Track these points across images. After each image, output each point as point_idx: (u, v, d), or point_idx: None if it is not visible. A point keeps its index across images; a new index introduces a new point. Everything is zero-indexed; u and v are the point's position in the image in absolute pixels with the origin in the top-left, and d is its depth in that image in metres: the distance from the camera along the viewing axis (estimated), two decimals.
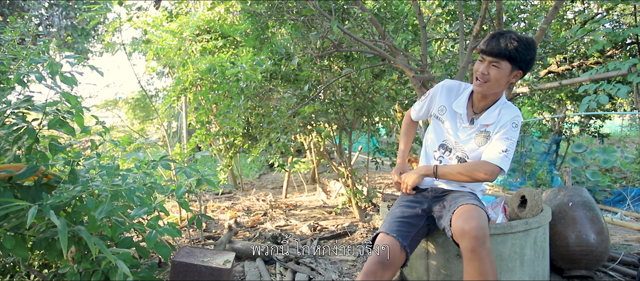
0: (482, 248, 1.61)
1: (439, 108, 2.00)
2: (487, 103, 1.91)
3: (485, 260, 1.60)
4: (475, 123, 1.90)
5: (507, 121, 1.84)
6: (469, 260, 1.63)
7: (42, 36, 7.87)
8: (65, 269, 1.79)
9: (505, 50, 1.73)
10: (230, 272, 2.18)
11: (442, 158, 1.99)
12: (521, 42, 1.74)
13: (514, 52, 1.73)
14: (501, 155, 1.79)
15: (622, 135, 14.05)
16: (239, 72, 3.45)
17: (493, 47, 1.75)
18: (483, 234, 1.63)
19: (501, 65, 1.76)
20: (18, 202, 1.48)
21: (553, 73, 6.06)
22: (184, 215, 3.89)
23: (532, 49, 1.77)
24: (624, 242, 3.14)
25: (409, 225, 1.86)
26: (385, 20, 3.50)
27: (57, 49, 6.24)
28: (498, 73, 1.77)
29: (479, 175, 1.82)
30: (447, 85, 2.00)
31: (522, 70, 1.80)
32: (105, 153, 2.34)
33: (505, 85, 1.83)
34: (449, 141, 1.97)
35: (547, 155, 5.55)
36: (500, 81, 1.79)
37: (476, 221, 1.65)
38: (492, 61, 1.77)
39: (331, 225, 3.83)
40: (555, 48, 3.91)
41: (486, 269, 1.61)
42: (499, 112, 1.87)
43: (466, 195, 1.89)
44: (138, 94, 9.35)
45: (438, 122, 2.01)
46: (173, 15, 5.48)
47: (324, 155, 4.43)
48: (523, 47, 1.74)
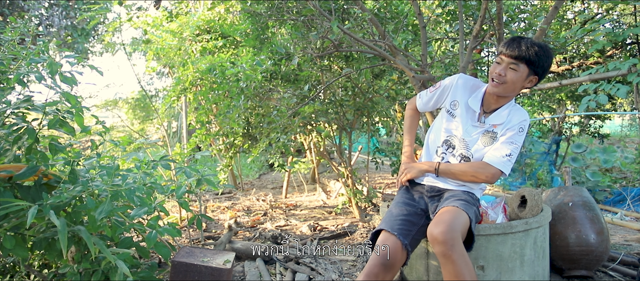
0: (451, 250, 1.59)
1: (451, 103, 1.98)
2: (498, 105, 1.90)
3: (458, 261, 1.59)
4: (485, 122, 1.90)
5: (514, 124, 1.84)
6: (444, 265, 1.62)
7: (42, 36, 7.87)
8: (65, 269, 1.79)
9: (526, 54, 1.75)
10: (230, 272, 2.18)
11: (445, 155, 1.98)
12: (541, 47, 1.77)
13: (534, 57, 1.75)
14: (504, 159, 1.80)
15: (622, 135, 14.06)
16: (239, 72, 3.45)
17: (514, 49, 1.76)
18: (451, 237, 1.61)
19: (519, 68, 1.77)
20: (18, 202, 1.48)
21: (553, 73, 6.06)
22: (184, 215, 3.89)
23: (549, 56, 1.79)
24: (624, 242, 3.14)
25: (409, 223, 1.85)
26: (385, 20, 3.50)
27: (57, 49, 6.24)
28: (515, 76, 1.78)
29: (480, 176, 1.83)
30: (463, 80, 1.97)
31: (538, 76, 1.81)
32: (105, 153, 2.34)
33: (519, 89, 1.84)
34: (454, 137, 1.96)
35: (547, 155, 5.55)
36: (516, 84, 1.80)
37: (445, 224, 1.64)
38: (510, 63, 1.78)
39: (331, 225, 3.83)
40: (555, 48, 3.92)
41: (461, 270, 1.59)
42: (508, 113, 1.88)
43: (457, 195, 1.87)
44: (138, 94, 9.35)
45: (448, 116, 1.98)
46: (173, 15, 5.48)
47: (324, 155, 4.43)
48: (543, 53, 1.76)
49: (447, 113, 1.99)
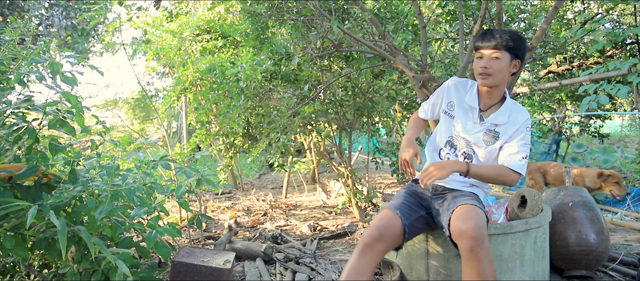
0: (480, 248, 1.61)
1: (448, 104, 2.03)
2: (493, 100, 1.93)
3: (483, 260, 1.61)
4: (485, 121, 1.92)
5: (521, 125, 1.88)
6: (468, 260, 1.63)
7: (42, 36, 7.86)
8: (65, 269, 1.79)
9: (503, 41, 1.80)
10: (230, 272, 2.18)
11: (449, 156, 2.01)
12: (512, 32, 1.83)
13: (511, 42, 1.80)
14: (522, 162, 1.85)
15: (622, 135, 14.05)
16: (239, 72, 3.45)
17: (491, 40, 1.82)
18: (481, 234, 1.63)
19: (502, 56, 1.82)
20: (18, 202, 1.48)
21: (553, 73, 6.06)
22: (184, 215, 3.89)
23: (523, 39, 1.86)
24: (624, 242, 3.14)
25: (411, 209, 1.90)
26: (385, 20, 3.50)
27: (57, 49, 6.24)
28: (499, 64, 1.82)
29: (505, 180, 1.86)
30: (454, 82, 2.04)
31: (519, 59, 1.85)
32: (105, 153, 2.34)
33: (508, 76, 1.87)
34: (455, 137, 1.99)
35: (547, 155, 5.56)
36: (503, 72, 1.83)
37: (474, 221, 1.66)
38: (491, 54, 1.82)
39: (331, 225, 3.83)
40: (555, 48, 3.92)
41: (485, 269, 1.61)
42: (509, 113, 1.90)
43: (466, 195, 1.89)
44: (138, 94, 9.34)
45: (447, 118, 2.03)
46: (173, 15, 5.48)
47: (324, 155, 4.43)
48: (516, 36, 1.83)
49: (446, 115, 2.03)
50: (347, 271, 1.68)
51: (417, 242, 2.11)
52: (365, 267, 1.69)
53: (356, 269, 1.69)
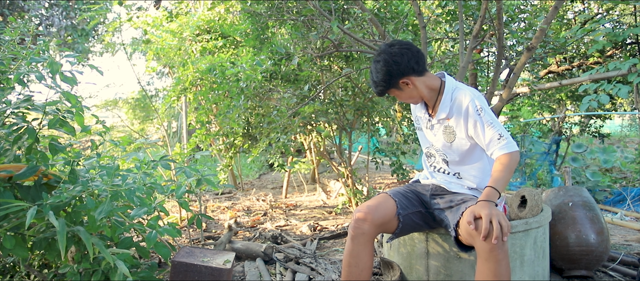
0: (500, 248, 1.58)
1: (416, 120, 2.10)
2: (432, 98, 1.90)
3: (502, 262, 1.58)
4: (433, 121, 1.94)
5: (467, 112, 1.79)
6: (485, 261, 1.60)
7: (42, 36, 7.86)
8: (65, 269, 1.79)
9: (378, 89, 1.86)
10: (230, 272, 2.18)
11: (434, 166, 2.04)
12: (381, 61, 1.82)
13: (382, 83, 1.83)
14: (504, 140, 1.74)
15: (622, 135, 14.05)
16: (239, 72, 3.45)
17: (375, 88, 1.88)
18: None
19: (392, 92, 1.88)
20: (18, 202, 1.48)
21: (553, 74, 6.06)
22: (184, 215, 3.89)
23: (396, 53, 1.80)
24: (624, 242, 3.14)
25: (410, 202, 1.93)
26: (385, 20, 3.50)
27: (57, 49, 6.24)
28: (402, 95, 1.89)
29: (511, 165, 1.73)
30: None
31: (408, 73, 1.81)
32: (105, 153, 2.34)
33: (420, 87, 1.84)
34: (429, 147, 2.04)
35: (547, 155, 5.56)
36: (411, 94, 1.88)
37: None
38: (388, 95, 1.94)
39: (331, 225, 3.83)
40: (555, 48, 3.91)
41: (502, 271, 1.58)
42: (451, 103, 1.85)
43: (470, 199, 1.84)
44: (138, 94, 9.35)
45: (419, 132, 2.10)
46: (173, 15, 5.48)
47: (324, 155, 4.43)
48: (382, 71, 1.81)
49: (419, 130, 2.09)
50: (344, 256, 1.81)
51: (417, 242, 2.11)
52: (361, 250, 1.79)
53: (350, 251, 1.81)
